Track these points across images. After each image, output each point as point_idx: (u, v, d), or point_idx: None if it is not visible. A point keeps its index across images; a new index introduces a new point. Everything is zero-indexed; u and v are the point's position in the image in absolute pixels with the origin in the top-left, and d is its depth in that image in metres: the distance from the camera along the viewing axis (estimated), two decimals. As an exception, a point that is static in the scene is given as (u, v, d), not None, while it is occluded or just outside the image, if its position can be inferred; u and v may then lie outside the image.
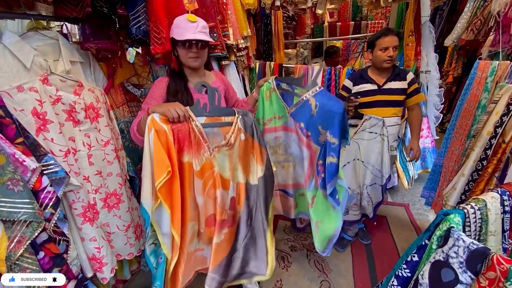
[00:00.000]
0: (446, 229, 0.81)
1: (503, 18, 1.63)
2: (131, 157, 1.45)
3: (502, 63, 1.72)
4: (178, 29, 1.23)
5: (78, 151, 1.12)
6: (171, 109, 1.02)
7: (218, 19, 1.89)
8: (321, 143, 1.34)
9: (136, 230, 1.35)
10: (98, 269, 1.17)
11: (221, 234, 1.19)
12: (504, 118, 1.47)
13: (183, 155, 1.09)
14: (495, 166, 1.49)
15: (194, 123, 1.09)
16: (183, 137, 1.08)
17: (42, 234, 0.90)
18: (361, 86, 1.83)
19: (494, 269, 0.67)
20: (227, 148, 1.16)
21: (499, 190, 0.89)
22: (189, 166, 1.11)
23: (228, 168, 1.18)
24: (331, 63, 3.49)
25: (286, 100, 1.43)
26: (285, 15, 3.88)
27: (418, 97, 1.81)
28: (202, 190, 1.16)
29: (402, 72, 1.79)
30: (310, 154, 1.39)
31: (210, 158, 1.13)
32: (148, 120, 1.00)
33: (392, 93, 1.78)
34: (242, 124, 1.19)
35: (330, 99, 1.29)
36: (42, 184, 0.91)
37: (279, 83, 1.43)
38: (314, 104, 1.31)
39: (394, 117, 1.83)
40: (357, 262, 1.94)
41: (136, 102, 1.51)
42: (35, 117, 0.98)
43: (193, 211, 1.16)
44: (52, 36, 1.14)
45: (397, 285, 0.95)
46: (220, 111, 1.17)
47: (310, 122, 1.34)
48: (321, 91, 1.31)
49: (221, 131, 1.16)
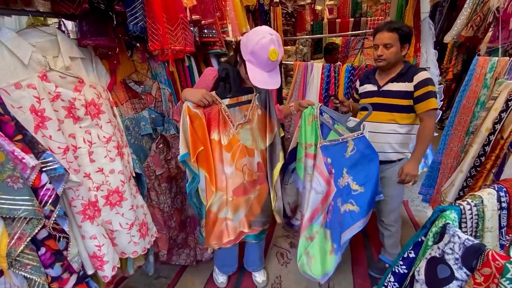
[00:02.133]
0: (442, 226, 0.81)
1: (503, 13, 1.63)
2: (136, 154, 1.43)
3: (501, 59, 1.72)
4: (253, 57, 1.16)
5: (79, 148, 1.11)
6: (201, 99, 1.21)
7: (217, 15, 1.88)
8: (339, 186, 1.38)
9: (141, 228, 1.32)
10: (99, 267, 1.16)
11: (255, 190, 1.47)
12: (503, 114, 1.47)
13: (212, 133, 1.31)
14: (493, 162, 1.50)
15: (221, 106, 1.30)
16: (213, 118, 1.30)
17: (42, 231, 0.90)
18: (364, 86, 1.70)
19: (489, 265, 0.67)
20: (247, 124, 1.38)
21: (496, 187, 0.89)
22: (218, 142, 1.33)
23: (251, 139, 1.40)
24: (330, 60, 3.49)
25: (322, 130, 1.44)
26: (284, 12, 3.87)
27: (426, 104, 1.44)
28: (231, 161, 1.36)
29: (411, 72, 1.50)
30: (327, 190, 1.43)
31: (235, 134, 1.35)
32: (184, 107, 1.23)
33: (390, 96, 1.55)
34: (259, 101, 1.41)
35: (368, 147, 1.33)
36: (41, 181, 0.91)
37: (323, 112, 1.43)
38: (351, 147, 1.35)
39: (392, 124, 1.56)
40: (356, 258, 1.95)
41: (138, 99, 1.50)
42: (33, 114, 0.98)
43: (220, 183, 1.38)
44: (51, 32, 1.13)
45: (394, 282, 0.95)
46: (240, 91, 1.35)
47: (339, 162, 1.38)
48: (362, 137, 1.34)
49: (240, 109, 1.37)
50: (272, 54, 1.14)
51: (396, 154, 1.61)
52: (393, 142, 1.58)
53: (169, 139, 1.54)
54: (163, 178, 1.52)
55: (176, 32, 1.39)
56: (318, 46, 5.12)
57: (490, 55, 1.93)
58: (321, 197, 1.44)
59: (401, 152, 1.61)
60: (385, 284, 0.98)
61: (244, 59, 1.20)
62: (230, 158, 1.36)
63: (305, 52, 4.98)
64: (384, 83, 1.58)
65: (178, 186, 1.65)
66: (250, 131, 1.39)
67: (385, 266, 1.78)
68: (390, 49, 1.48)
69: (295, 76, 2.59)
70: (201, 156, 1.30)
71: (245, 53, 1.19)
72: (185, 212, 1.72)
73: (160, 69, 1.69)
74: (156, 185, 1.51)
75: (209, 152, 1.31)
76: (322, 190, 1.44)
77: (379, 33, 1.51)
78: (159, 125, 1.58)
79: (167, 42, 1.34)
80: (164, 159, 1.52)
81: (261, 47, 1.13)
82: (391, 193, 1.63)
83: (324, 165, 1.41)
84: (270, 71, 1.20)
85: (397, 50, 1.49)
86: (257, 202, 1.50)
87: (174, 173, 1.60)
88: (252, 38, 1.15)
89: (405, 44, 1.50)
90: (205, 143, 1.29)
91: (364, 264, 1.90)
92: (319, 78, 2.43)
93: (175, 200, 1.64)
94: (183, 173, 1.64)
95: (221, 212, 1.44)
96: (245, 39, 1.20)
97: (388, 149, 1.60)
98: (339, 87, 2.41)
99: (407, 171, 1.50)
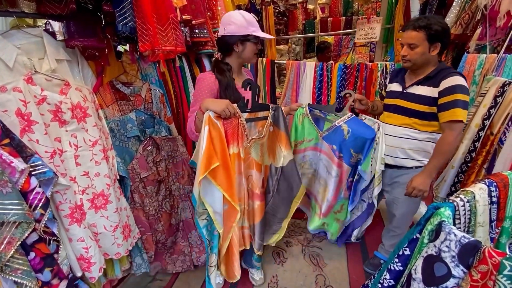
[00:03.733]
0: (437, 223, 0.81)
1: (490, 11, 1.65)
2: (122, 157, 1.43)
3: (489, 56, 1.74)
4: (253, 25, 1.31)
5: (64, 151, 1.10)
6: (225, 109, 1.21)
7: (208, 15, 1.87)
8: (352, 164, 1.59)
9: (124, 230, 1.32)
10: (86, 269, 1.17)
11: (256, 203, 1.47)
12: (492, 110, 1.50)
13: (231, 146, 1.31)
14: (484, 157, 1.52)
15: (241, 119, 1.31)
16: (232, 131, 1.30)
17: (32, 234, 0.90)
18: (391, 85, 1.58)
19: (486, 262, 0.67)
20: (260, 139, 1.40)
21: (487, 181, 0.90)
22: (237, 155, 1.33)
23: (259, 154, 1.43)
24: (323, 58, 3.50)
25: (318, 124, 1.65)
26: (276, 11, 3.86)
27: (449, 114, 1.28)
28: (245, 172, 1.40)
29: (440, 76, 1.33)
30: (340, 172, 1.63)
31: (248, 147, 1.38)
32: (205, 116, 1.20)
33: (412, 100, 1.41)
34: (273, 118, 1.44)
35: (360, 126, 1.52)
36: (30, 185, 0.90)
37: (312, 109, 1.65)
38: (346, 130, 1.53)
39: (407, 128, 1.44)
40: (352, 256, 1.96)
41: (126, 100, 1.47)
42: (19, 117, 0.96)
43: (239, 194, 1.38)
44: (36, 33, 1.10)
45: (390, 279, 0.96)
46: (258, 107, 1.38)
47: (343, 145, 1.55)
48: (352, 118, 1.54)
49: (256, 124, 1.41)
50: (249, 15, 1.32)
51: (411, 161, 1.48)
52: (408, 148, 1.46)
53: (158, 141, 1.51)
54: (148, 181, 1.49)
55: (167, 32, 1.38)
56: (310, 45, 5.13)
57: (480, 52, 1.95)
58: (337, 179, 1.65)
59: (417, 159, 1.47)
60: (381, 281, 0.99)
61: (248, 33, 1.31)
62: (243, 170, 1.38)
63: (298, 51, 4.99)
64: (409, 85, 1.44)
65: (168, 189, 1.62)
66: (261, 146, 1.42)
67: (380, 262, 1.79)
68: (415, 50, 1.34)
69: (288, 75, 2.59)
70: (218, 173, 1.23)
71: (245, 29, 1.30)
72: (176, 216, 1.69)
73: (151, 69, 1.67)
74: (141, 187, 1.48)
75: (229, 168, 1.25)
76: (336, 173, 1.63)
77: (405, 31, 1.37)
78: (149, 127, 1.55)
79: (157, 43, 1.32)
80: (152, 162, 1.50)
81: (250, 17, 1.31)
82: (402, 197, 1.53)
83: (332, 152, 1.61)
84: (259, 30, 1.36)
85: (423, 50, 1.33)
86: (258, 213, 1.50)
87: (163, 176, 1.56)
88: (237, 18, 1.30)
89: (436, 44, 1.32)
90: (224, 159, 1.24)
91: (359, 261, 1.91)
92: (312, 77, 2.43)
93: (163, 203, 1.60)
94: (175, 175, 1.62)
95: (239, 222, 1.43)
96: (232, 26, 1.30)
97: (401, 154, 1.49)
98: (331, 86, 2.42)
99: (415, 185, 1.35)
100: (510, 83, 1.43)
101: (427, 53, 1.34)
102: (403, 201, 1.57)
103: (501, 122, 1.43)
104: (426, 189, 1.35)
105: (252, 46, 1.35)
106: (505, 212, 0.92)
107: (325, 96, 2.38)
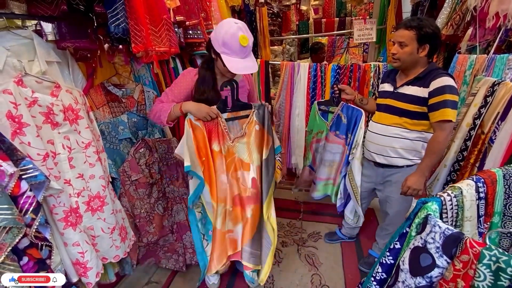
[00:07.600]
0: (424, 217, 0.83)
1: (479, 13, 1.68)
2: (112, 159, 1.41)
3: (479, 57, 1.78)
4: (226, 48, 1.20)
5: (58, 154, 1.08)
6: (205, 116, 1.27)
7: (202, 16, 1.86)
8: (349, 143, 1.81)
9: (121, 232, 1.32)
10: (82, 274, 1.15)
11: (249, 210, 1.44)
12: (482, 109, 1.52)
13: (212, 144, 1.35)
14: (476, 156, 1.54)
15: (221, 119, 1.34)
16: (213, 130, 1.34)
17: (23, 239, 0.88)
18: (383, 85, 1.61)
19: (467, 252, 0.70)
20: (243, 138, 1.41)
21: (474, 178, 0.92)
22: (219, 152, 1.37)
23: (246, 154, 1.42)
24: (316, 59, 3.52)
25: (324, 117, 1.94)
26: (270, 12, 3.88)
27: (438, 113, 1.30)
28: (227, 171, 1.40)
29: (429, 76, 1.35)
30: (343, 150, 1.87)
31: (231, 147, 1.39)
32: (186, 121, 1.28)
33: (402, 100, 1.43)
34: (257, 116, 1.42)
35: (349, 109, 1.76)
36: (21, 189, 0.88)
37: (319, 106, 1.96)
38: (343, 116, 1.79)
39: (398, 127, 1.46)
40: (347, 254, 1.98)
41: (118, 102, 1.46)
42: (10, 120, 0.94)
43: (221, 193, 1.40)
44: (26, 35, 1.09)
45: (382, 272, 0.97)
46: (239, 106, 1.39)
47: (342, 129, 1.83)
48: (344, 105, 1.79)
49: (238, 123, 1.41)
50: (243, 39, 1.19)
51: (402, 160, 1.50)
52: (398, 147, 1.48)
53: (151, 144, 1.50)
54: (140, 184, 1.48)
55: (160, 33, 1.37)
56: (304, 46, 5.16)
57: (471, 53, 1.99)
58: (340, 156, 1.89)
59: (408, 158, 1.49)
60: (374, 274, 1.01)
61: (218, 52, 1.23)
62: (224, 168, 1.39)
63: (292, 52, 5.01)
64: (400, 85, 1.46)
65: (161, 191, 1.61)
66: (247, 145, 1.41)
67: (374, 260, 1.81)
68: (404, 48, 1.36)
69: (282, 76, 2.59)
70: (204, 167, 1.33)
71: (218, 46, 1.23)
72: (170, 218, 1.68)
73: (144, 71, 1.66)
74: (132, 190, 1.47)
75: (210, 163, 1.34)
76: (341, 151, 1.87)
77: (398, 29, 1.39)
78: (142, 129, 1.54)
79: (151, 44, 1.32)
80: (145, 164, 1.48)
81: (231, 36, 1.19)
82: (395, 196, 1.58)
83: (335, 136, 1.87)
84: (245, 57, 1.25)
85: (412, 50, 1.35)
86: (250, 227, 1.44)
87: (156, 178, 1.55)
88: (220, 31, 1.21)
89: (424, 45, 1.34)
90: (207, 155, 1.33)
91: (354, 260, 1.92)
92: (306, 77, 2.44)
93: (155, 205, 1.58)
94: (169, 177, 1.61)
95: (224, 225, 1.44)
96: (214, 34, 1.25)
97: (392, 153, 1.51)
98: (325, 86, 2.43)
99: (409, 184, 1.38)
100: (499, 83, 1.46)
101: (415, 53, 1.36)
102: (396, 200, 1.60)
103: (492, 121, 1.45)
104: (421, 188, 1.38)
105: (222, 64, 1.24)
106: (493, 208, 0.94)
107: (319, 97, 2.39)
